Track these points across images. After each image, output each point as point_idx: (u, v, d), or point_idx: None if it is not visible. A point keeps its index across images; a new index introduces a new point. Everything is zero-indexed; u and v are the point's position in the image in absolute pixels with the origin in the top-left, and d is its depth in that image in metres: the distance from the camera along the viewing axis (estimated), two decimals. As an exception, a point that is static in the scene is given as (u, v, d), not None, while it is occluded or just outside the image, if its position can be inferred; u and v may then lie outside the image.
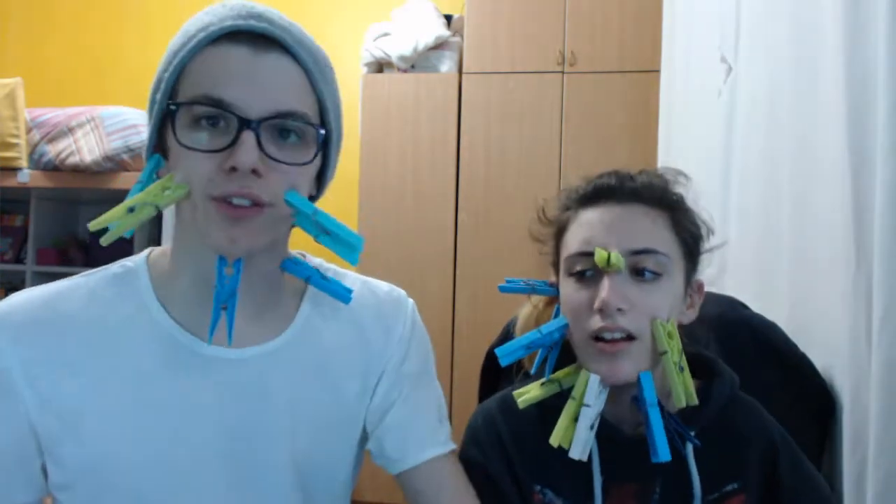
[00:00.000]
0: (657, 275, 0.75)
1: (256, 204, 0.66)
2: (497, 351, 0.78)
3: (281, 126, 0.68)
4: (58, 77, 3.53)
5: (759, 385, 1.01)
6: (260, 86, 0.66)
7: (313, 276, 0.79)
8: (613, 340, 0.74)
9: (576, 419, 0.75)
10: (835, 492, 1.05)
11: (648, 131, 2.54)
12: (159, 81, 0.70)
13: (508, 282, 0.88)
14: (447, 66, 2.89)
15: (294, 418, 0.77)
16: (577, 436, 0.74)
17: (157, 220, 2.95)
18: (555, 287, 0.84)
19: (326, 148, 0.74)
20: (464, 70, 2.86)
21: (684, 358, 0.76)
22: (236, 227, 0.66)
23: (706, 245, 0.83)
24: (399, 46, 2.84)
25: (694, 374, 0.80)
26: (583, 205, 0.80)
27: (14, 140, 2.67)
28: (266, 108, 0.66)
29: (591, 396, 0.74)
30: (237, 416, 0.75)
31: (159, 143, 0.72)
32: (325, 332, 0.81)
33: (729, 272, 1.51)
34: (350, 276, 0.88)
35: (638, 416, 0.77)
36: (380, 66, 2.93)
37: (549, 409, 0.80)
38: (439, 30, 2.89)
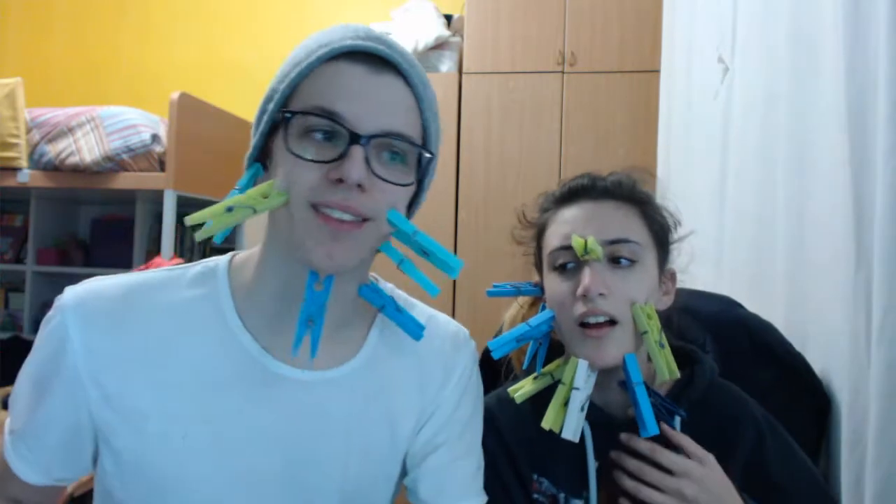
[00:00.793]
0: (632, 262, 0.81)
1: (357, 219, 0.67)
2: (489, 344, 0.83)
3: (388, 146, 0.68)
4: (58, 77, 3.53)
5: (754, 384, 1.02)
6: (373, 104, 0.67)
7: (388, 305, 0.78)
8: (598, 325, 0.80)
9: (566, 403, 0.79)
10: (832, 490, 1.05)
11: (648, 131, 2.54)
12: (273, 92, 0.71)
13: (495, 286, 0.93)
14: (447, 66, 2.89)
15: (348, 446, 0.77)
16: (568, 417, 0.78)
17: (158, 227, 2.95)
18: (538, 287, 0.91)
19: (422, 173, 0.75)
20: (464, 70, 2.86)
21: (664, 336, 0.82)
22: (335, 241, 0.67)
23: (675, 235, 0.90)
24: (399, 46, 2.84)
25: (680, 365, 0.86)
26: (560, 204, 0.87)
27: (14, 140, 2.67)
28: (377, 126, 0.67)
29: (581, 380, 0.79)
30: (295, 438, 0.74)
31: (262, 153, 0.73)
32: (388, 364, 0.81)
33: (725, 273, 1.51)
34: (418, 308, 0.88)
35: (626, 400, 0.82)
36: (380, 66, 2.93)
37: (542, 402, 0.84)
38: (439, 30, 2.89)
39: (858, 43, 0.96)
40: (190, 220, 0.67)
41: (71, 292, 0.72)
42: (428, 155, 0.72)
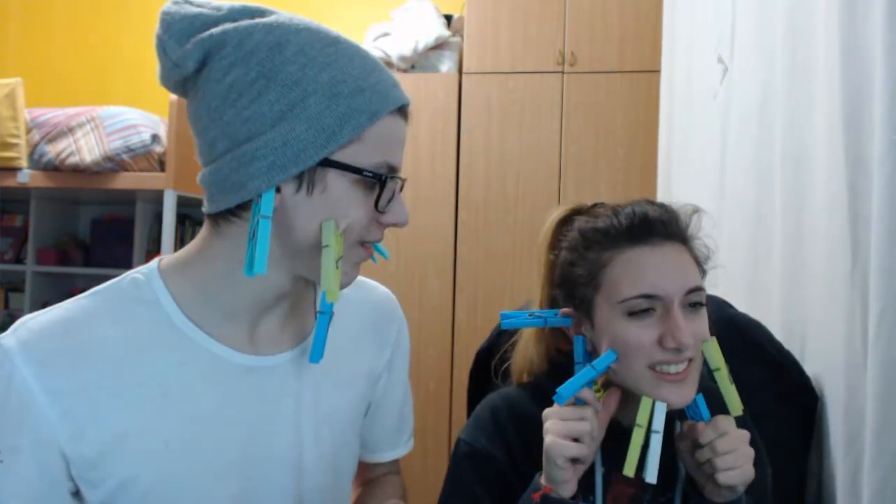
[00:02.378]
0: (702, 304, 0.82)
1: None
2: (559, 390, 0.81)
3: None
4: (58, 77, 3.53)
5: (746, 383, 1.03)
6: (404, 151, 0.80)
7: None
8: (676, 371, 0.80)
9: (642, 446, 0.79)
10: (826, 490, 1.05)
11: (648, 131, 2.54)
12: (328, 133, 0.70)
13: (508, 316, 0.91)
14: (447, 66, 2.89)
15: (317, 417, 0.82)
16: (650, 461, 0.77)
17: (158, 227, 2.95)
18: (568, 317, 0.89)
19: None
20: (464, 70, 2.86)
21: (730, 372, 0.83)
22: (361, 264, 0.79)
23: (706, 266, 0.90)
24: (399, 46, 2.84)
25: None
26: (627, 242, 0.83)
27: (14, 140, 2.67)
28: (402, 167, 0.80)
29: (660, 423, 0.79)
30: (270, 422, 0.78)
31: (303, 180, 0.71)
32: (338, 335, 0.84)
33: (722, 273, 1.51)
34: None
35: (635, 408, 0.82)
36: (380, 66, 2.93)
37: (550, 402, 0.84)
38: (439, 30, 2.89)
39: (854, 42, 0.96)
40: (333, 293, 0.71)
41: (12, 339, 0.69)
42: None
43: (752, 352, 1.10)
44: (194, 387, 0.74)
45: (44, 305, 3.26)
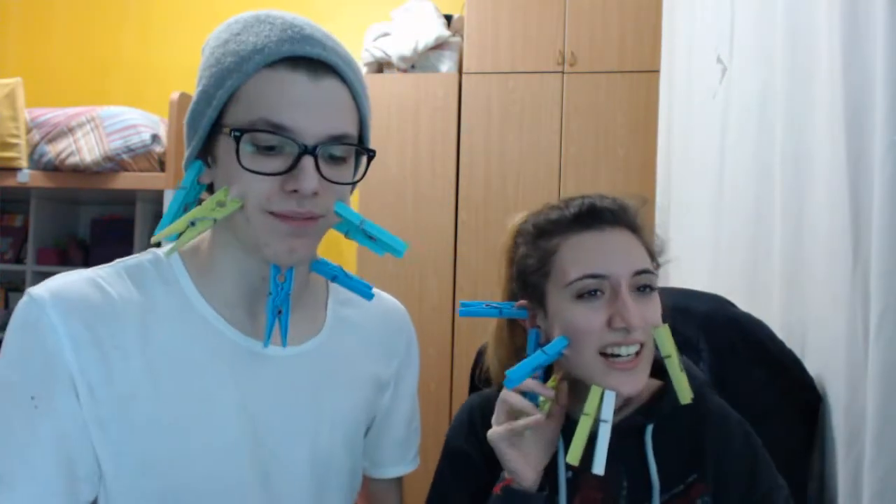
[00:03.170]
0: (651, 288, 0.82)
1: (311, 217, 0.72)
2: (508, 373, 0.81)
3: (333, 148, 0.72)
4: (58, 77, 3.53)
5: (746, 382, 1.03)
6: (317, 112, 0.70)
7: (339, 274, 0.83)
8: (627, 356, 0.79)
9: (590, 435, 0.78)
10: (828, 490, 1.05)
11: (648, 131, 2.54)
12: (209, 98, 0.72)
13: (466, 305, 0.92)
14: (447, 66, 2.89)
15: (318, 417, 0.82)
16: (598, 451, 0.77)
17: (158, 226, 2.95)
18: (523, 309, 0.89)
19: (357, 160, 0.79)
20: (464, 70, 2.86)
21: (682, 360, 0.82)
22: (295, 238, 0.71)
23: (660, 259, 0.90)
24: (399, 46, 2.84)
25: (658, 376, 0.87)
26: (574, 229, 0.84)
27: (14, 140, 2.67)
28: (322, 133, 0.70)
29: (609, 412, 0.78)
30: (269, 410, 0.79)
31: (203, 152, 0.76)
32: (347, 338, 0.87)
33: (722, 273, 1.51)
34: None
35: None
36: (380, 67, 2.93)
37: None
38: (439, 30, 2.89)
39: (855, 42, 0.96)
40: (157, 238, 0.72)
41: (43, 290, 0.71)
42: (373, 153, 0.76)
43: (753, 351, 1.10)
44: (203, 363, 0.75)
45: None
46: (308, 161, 0.69)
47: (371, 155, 0.76)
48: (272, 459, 0.79)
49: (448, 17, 2.99)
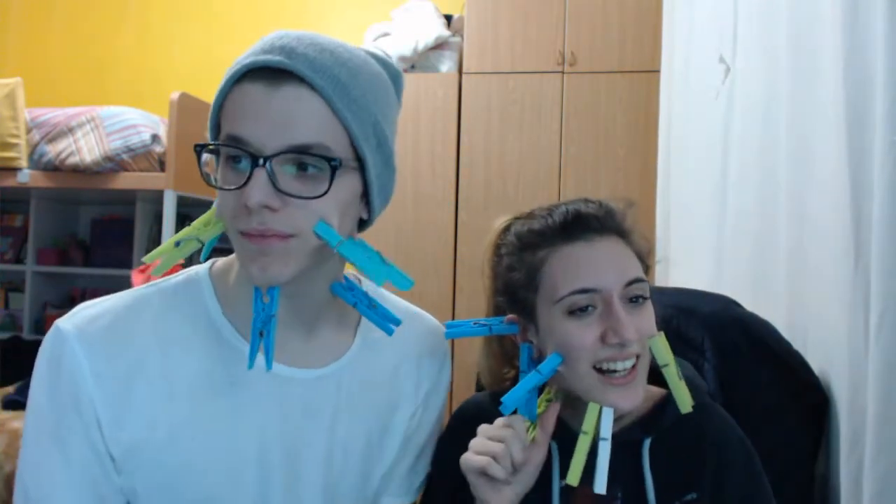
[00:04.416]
0: (644, 298, 0.79)
1: (275, 235, 0.68)
2: (504, 399, 0.78)
3: (295, 160, 0.68)
4: (58, 77, 3.53)
5: (753, 383, 1.01)
6: (272, 121, 0.66)
7: (359, 303, 0.79)
8: (623, 370, 0.77)
9: (588, 453, 0.76)
10: (832, 490, 1.05)
11: (648, 131, 2.54)
12: (209, 120, 0.73)
13: (452, 326, 0.87)
14: (447, 66, 2.89)
15: (331, 441, 0.80)
16: (599, 470, 0.74)
17: (158, 227, 2.95)
18: (515, 324, 0.85)
19: (364, 171, 0.73)
20: (464, 70, 2.86)
21: (679, 367, 0.79)
22: (264, 256, 0.68)
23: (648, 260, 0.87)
24: (399, 46, 2.84)
25: (660, 384, 0.83)
26: (560, 240, 0.80)
27: (14, 140, 2.67)
28: (279, 144, 0.66)
29: (607, 430, 0.76)
30: (286, 432, 0.78)
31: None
32: (375, 363, 0.85)
33: (725, 273, 1.51)
34: (397, 304, 0.91)
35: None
36: (380, 66, 2.93)
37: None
38: (439, 30, 2.89)
39: (856, 42, 0.97)
40: (148, 259, 0.72)
41: (69, 324, 0.73)
42: (334, 162, 0.68)
43: (759, 351, 1.09)
44: (222, 387, 0.75)
45: (44, 306, 3.24)
46: (258, 173, 0.65)
47: (334, 165, 0.68)
48: (286, 482, 0.78)
49: (448, 17, 2.99)
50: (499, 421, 0.78)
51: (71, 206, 3.37)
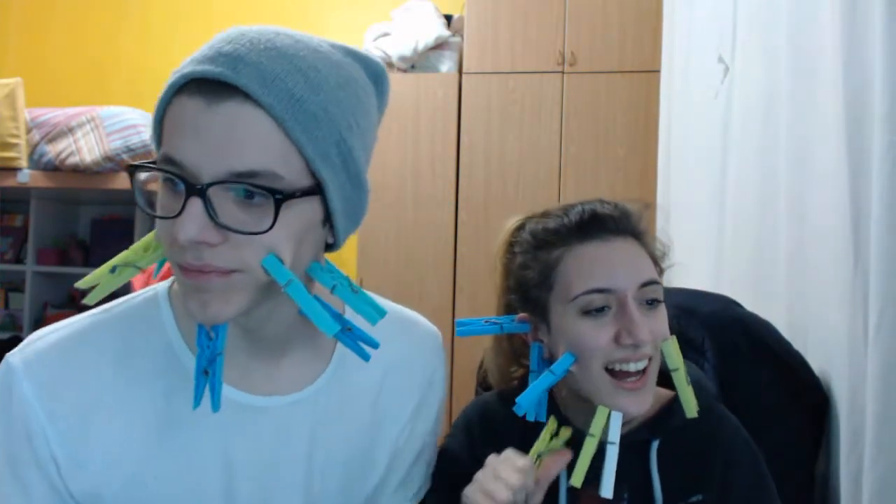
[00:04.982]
0: (658, 301, 0.79)
1: (214, 271, 0.60)
2: (519, 400, 0.78)
3: (243, 187, 0.58)
4: (58, 77, 3.53)
5: (753, 383, 1.01)
6: (210, 143, 0.57)
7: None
8: (636, 373, 0.76)
9: (595, 456, 0.76)
10: (832, 490, 1.05)
11: (648, 131, 2.54)
12: (152, 132, 0.65)
13: (463, 324, 0.87)
14: (447, 66, 2.89)
15: (310, 467, 0.75)
16: (606, 474, 0.74)
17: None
18: (525, 322, 0.85)
19: (325, 196, 0.63)
20: (464, 70, 2.86)
21: (688, 374, 0.80)
22: (202, 293, 0.60)
23: (664, 264, 0.87)
24: (399, 46, 2.84)
25: (667, 385, 0.83)
26: (577, 239, 0.80)
27: (14, 140, 2.67)
28: (218, 170, 0.57)
29: (615, 434, 0.75)
30: (261, 463, 0.73)
31: None
32: (356, 375, 0.78)
33: (725, 273, 1.51)
34: (383, 303, 0.81)
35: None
36: (380, 66, 2.94)
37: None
38: (439, 30, 2.89)
39: (855, 42, 0.97)
40: (80, 284, 0.66)
41: (19, 358, 0.68)
42: (278, 195, 0.58)
43: (759, 351, 1.09)
44: (185, 418, 0.69)
45: (44, 306, 3.23)
46: (193, 204, 0.57)
47: (278, 199, 0.58)
48: None
49: (448, 17, 2.99)
50: (510, 461, 0.74)
51: (71, 206, 3.37)
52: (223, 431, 0.71)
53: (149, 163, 0.61)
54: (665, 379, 0.83)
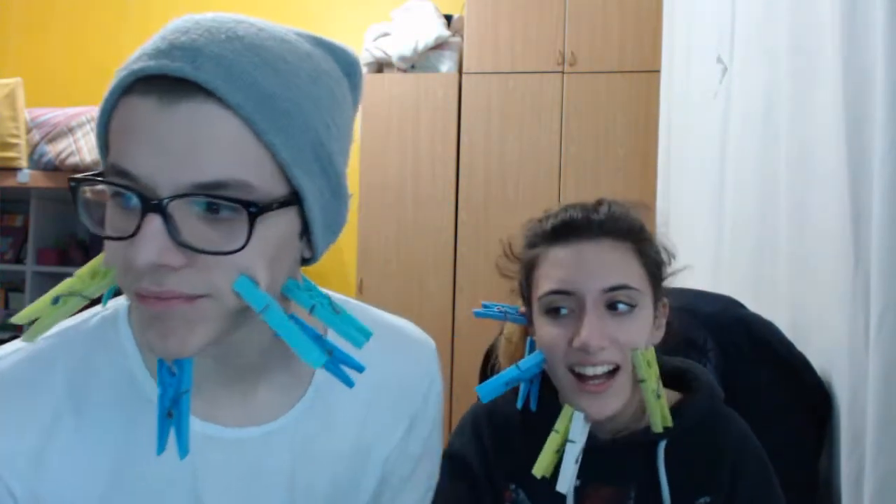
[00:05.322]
0: (631, 307, 0.78)
1: (178, 297, 0.52)
2: (478, 389, 0.80)
3: (209, 200, 0.51)
4: (58, 77, 3.53)
5: (756, 384, 1.01)
6: (168, 151, 0.49)
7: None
8: (596, 377, 0.76)
9: (558, 451, 0.77)
10: (835, 491, 1.05)
11: (648, 131, 2.54)
12: (96, 139, 0.56)
13: (484, 306, 0.91)
14: (447, 66, 2.89)
15: (292, 497, 0.69)
16: (563, 471, 0.75)
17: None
18: (525, 316, 0.87)
19: (303, 206, 0.56)
20: (464, 70, 2.86)
21: (661, 384, 0.79)
22: (162, 323, 0.52)
23: (668, 269, 0.86)
24: (399, 46, 2.84)
25: (674, 387, 0.84)
26: (550, 242, 0.82)
27: (14, 140, 2.67)
28: (178, 182, 0.49)
29: (577, 433, 0.76)
30: (233, 499, 0.66)
31: None
32: (338, 404, 0.71)
33: (725, 273, 1.51)
34: (373, 317, 0.76)
35: (613, 421, 0.81)
36: (380, 67, 2.94)
37: (532, 414, 0.84)
38: (439, 30, 2.89)
39: (855, 42, 0.97)
40: (17, 320, 0.56)
41: None
42: (252, 209, 0.50)
43: (761, 352, 1.09)
44: (150, 455, 0.59)
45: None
46: (150, 222, 0.49)
47: (252, 213, 0.50)
48: None
49: (448, 17, 2.99)
50: None
51: (71, 206, 3.33)
52: (191, 468, 0.63)
53: (95, 175, 0.53)
54: (673, 380, 0.84)
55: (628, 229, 0.81)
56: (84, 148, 2.62)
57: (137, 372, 0.63)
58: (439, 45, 2.89)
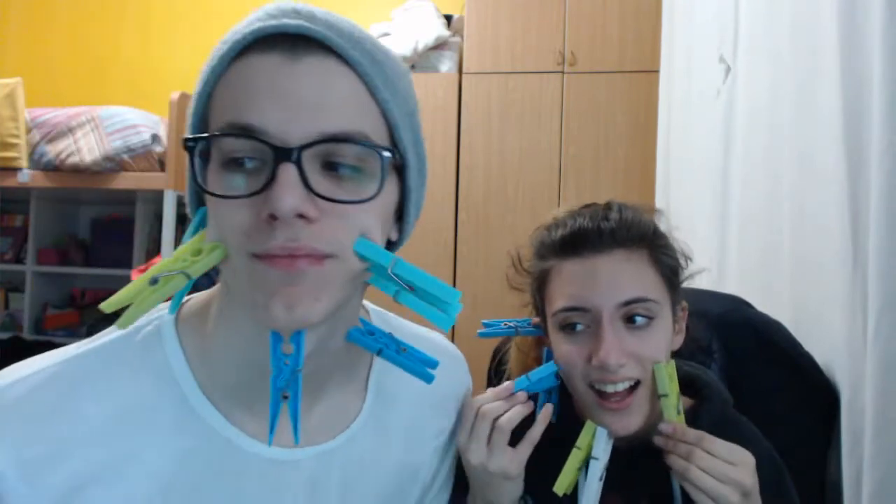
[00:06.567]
0: (649, 319, 0.76)
1: (310, 255, 0.51)
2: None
3: (331, 154, 0.51)
4: (58, 77, 3.53)
5: (763, 385, 1.00)
6: (298, 101, 0.50)
7: (387, 349, 0.61)
8: (617, 394, 0.75)
9: (580, 468, 0.75)
10: (835, 491, 1.05)
11: (648, 131, 2.54)
12: (191, 115, 0.55)
13: (487, 326, 0.87)
14: (447, 66, 2.89)
15: None
16: (587, 488, 0.73)
17: (158, 227, 2.95)
18: (538, 327, 0.85)
19: (403, 176, 0.57)
20: (464, 70, 2.86)
21: (681, 399, 0.77)
22: (292, 287, 0.50)
23: (685, 272, 0.84)
24: (399, 46, 2.84)
25: (685, 393, 0.82)
26: (561, 255, 0.79)
27: (14, 140, 2.67)
28: (308, 131, 0.50)
29: (600, 450, 0.74)
30: None
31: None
32: (388, 421, 0.70)
33: (730, 274, 1.51)
34: (409, 330, 0.78)
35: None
36: (380, 66, 2.94)
37: (547, 426, 0.82)
38: (439, 30, 2.89)
39: (854, 42, 0.97)
40: (106, 306, 0.50)
41: None
42: (387, 154, 0.52)
43: (768, 352, 1.08)
44: (202, 482, 0.58)
45: (44, 306, 3.21)
46: (286, 170, 0.49)
47: (386, 157, 0.52)
48: None
49: (448, 17, 2.99)
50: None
51: (71, 206, 3.37)
52: (249, 495, 0.61)
53: (200, 136, 0.52)
54: (685, 387, 0.82)
55: (641, 236, 0.79)
56: (84, 148, 2.62)
57: (187, 389, 0.59)
58: (439, 45, 2.89)
